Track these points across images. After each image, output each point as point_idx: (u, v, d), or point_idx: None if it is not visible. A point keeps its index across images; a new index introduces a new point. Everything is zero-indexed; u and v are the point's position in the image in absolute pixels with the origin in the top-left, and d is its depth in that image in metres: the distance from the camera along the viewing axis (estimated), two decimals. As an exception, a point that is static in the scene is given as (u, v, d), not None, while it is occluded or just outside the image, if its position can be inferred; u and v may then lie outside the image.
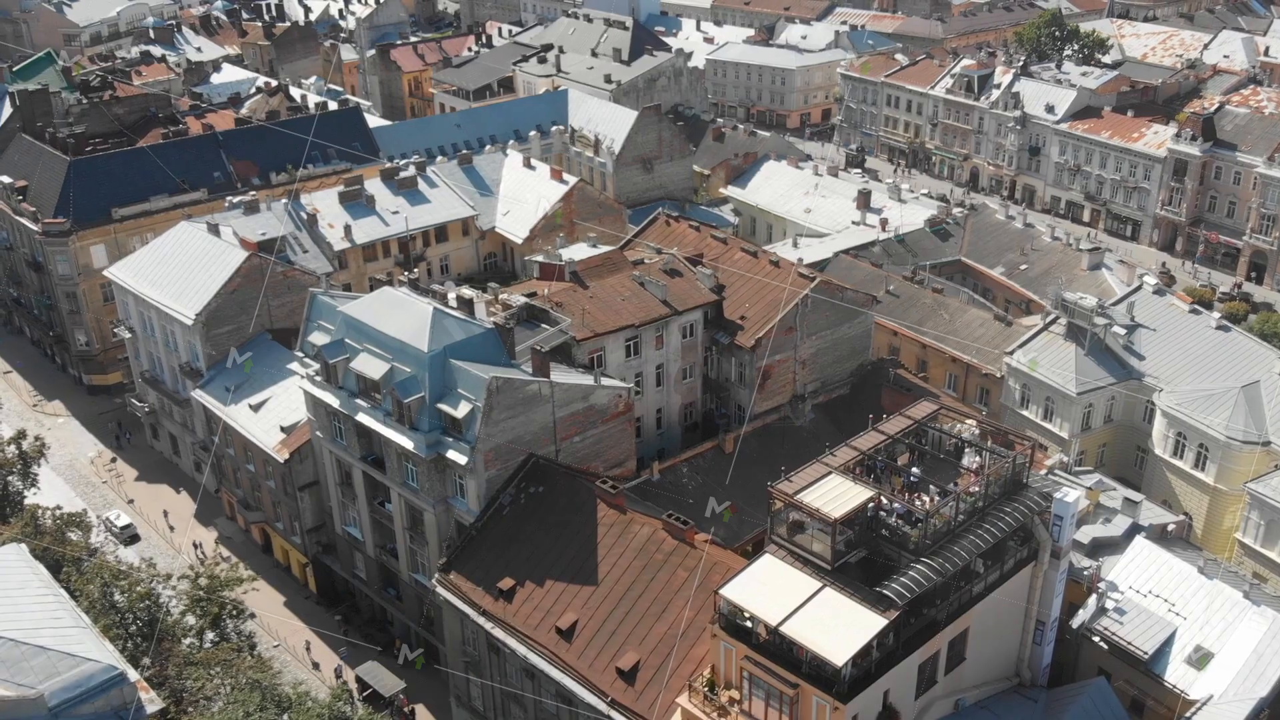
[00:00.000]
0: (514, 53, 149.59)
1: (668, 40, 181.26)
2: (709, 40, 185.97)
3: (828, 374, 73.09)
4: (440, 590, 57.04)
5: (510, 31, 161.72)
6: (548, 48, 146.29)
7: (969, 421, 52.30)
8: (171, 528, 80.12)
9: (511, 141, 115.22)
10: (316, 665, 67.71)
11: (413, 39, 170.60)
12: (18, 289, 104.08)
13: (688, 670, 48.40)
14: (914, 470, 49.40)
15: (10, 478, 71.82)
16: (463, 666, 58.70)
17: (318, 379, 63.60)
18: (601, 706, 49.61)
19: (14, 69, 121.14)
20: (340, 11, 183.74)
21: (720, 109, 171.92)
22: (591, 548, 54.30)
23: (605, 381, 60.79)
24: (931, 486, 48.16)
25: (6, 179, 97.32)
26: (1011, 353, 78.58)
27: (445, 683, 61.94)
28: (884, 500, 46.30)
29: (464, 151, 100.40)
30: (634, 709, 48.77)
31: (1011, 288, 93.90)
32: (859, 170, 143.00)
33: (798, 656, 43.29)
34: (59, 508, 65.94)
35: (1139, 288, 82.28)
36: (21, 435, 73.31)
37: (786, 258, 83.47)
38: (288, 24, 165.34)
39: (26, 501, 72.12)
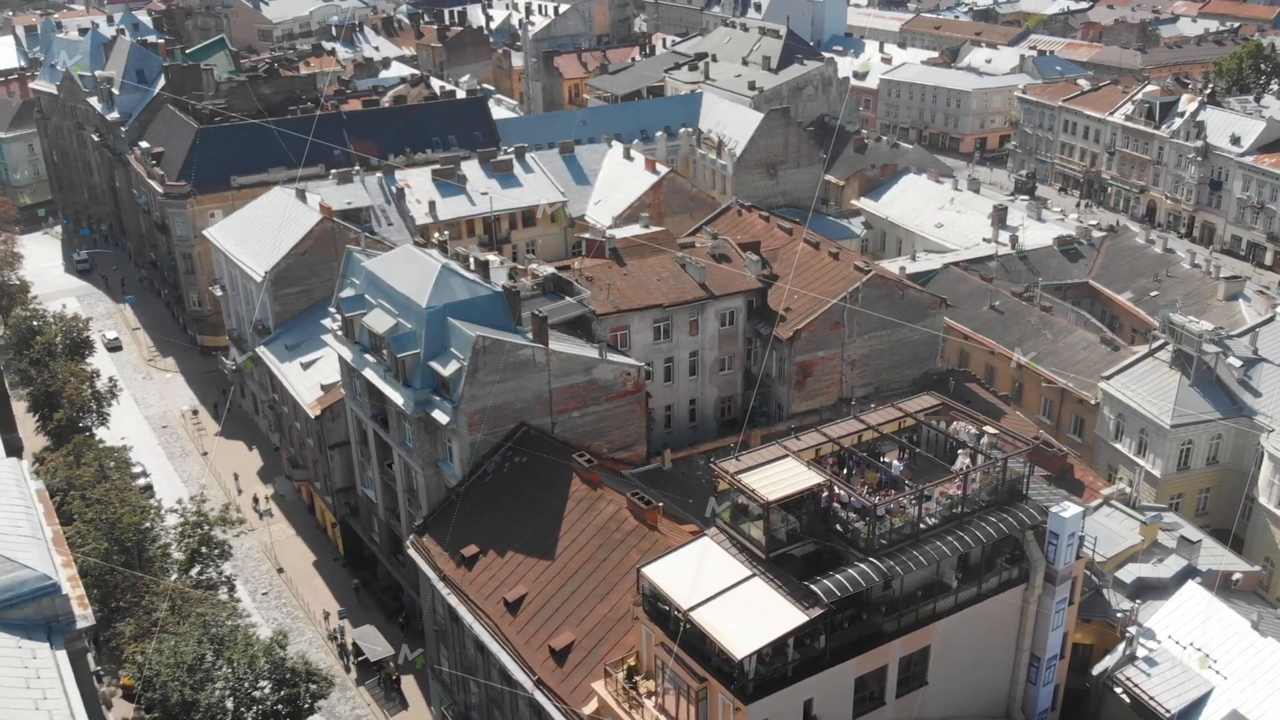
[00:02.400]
0: (670, 61, 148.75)
1: (847, 60, 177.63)
2: (886, 60, 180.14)
3: (883, 379, 67.46)
4: (411, 552, 55.29)
5: (672, 41, 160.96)
6: (701, 56, 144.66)
7: (963, 421, 46.30)
8: (241, 492, 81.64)
9: (636, 141, 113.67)
10: (328, 622, 67.22)
11: (583, 48, 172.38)
12: (154, 251, 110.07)
13: (619, 655, 44.59)
14: (895, 464, 44.13)
15: (83, 415, 75.14)
16: (434, 636, 56.68)
17: (339, 334, 63.34)
18: (528, 685, 46.44)
19: (186, 50, 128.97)
20: (520, 22, 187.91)
21: (893, 129, 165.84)
22: (557, 521, 51.33)
23: (612, 357, 57.71)
24: (908, 485, 42.79)
25: (145, 144, 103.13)
26: (1109, 377, 70.51)
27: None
28: (838, 491, 41.35)
29: (565, 141, 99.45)
30: (556, 691, 45.37)
31: (1137, 315, 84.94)
32: (1027, 197, 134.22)
33: (709, 648, 38.96)
34: (101, 441, 68.38)
35: (1270, 319, 72.45)
36: (95, 375, 76.64)
37: (888, 267, 78.54)
38: (461, 28, 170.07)
39: (96, 438, 75.48)
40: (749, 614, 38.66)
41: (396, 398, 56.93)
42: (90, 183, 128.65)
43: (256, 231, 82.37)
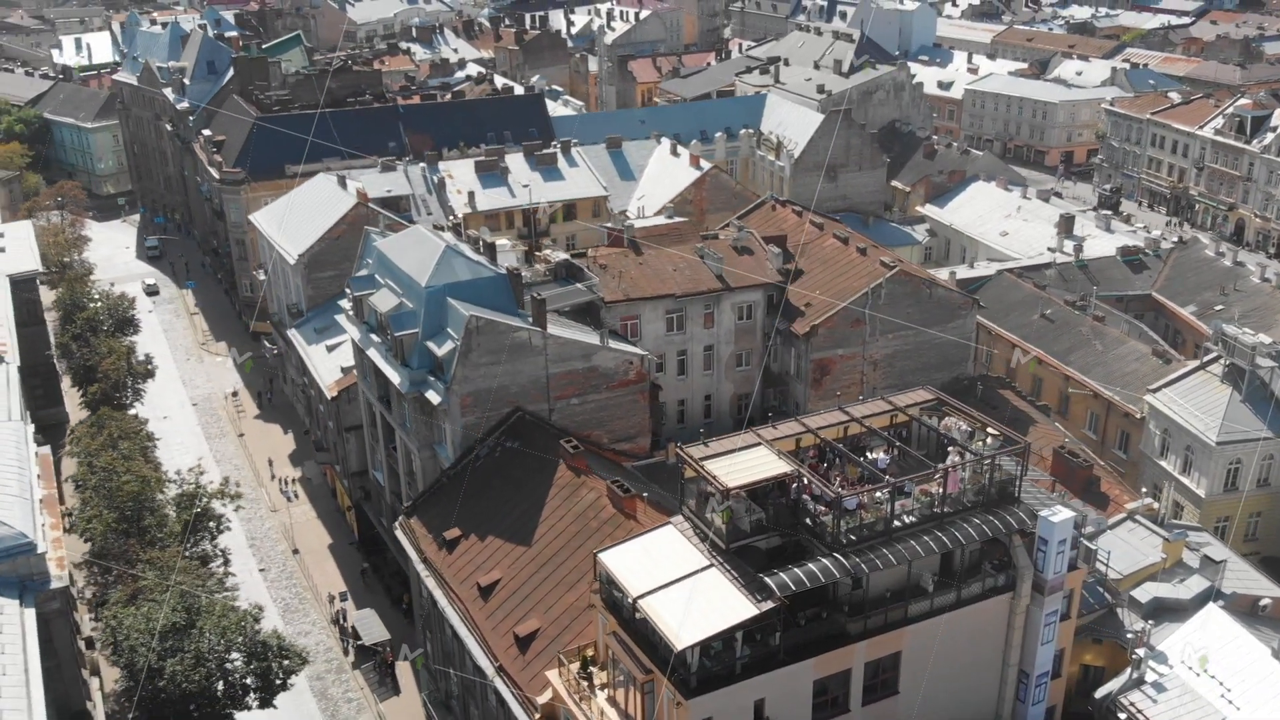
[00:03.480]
0: (742, 65, 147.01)
1: (933, 70, 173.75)
2: (972, 71, 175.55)
3: (909, 381, 64.23)
4: (398, 534, 54.46)
5: (747, 46, 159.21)
6: (774, 60, 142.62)
7: (955, 418, 43.58)
8: (274, 475, 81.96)
9: (694, 142, 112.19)
10: (333, 604, 66.89)
11: (661, 53, 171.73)
12: (215, 239, 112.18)
13: (582, 644, 42.94)
14: (878, 458, 41.77)
15: (119, 390, 76.44)
16: (421, 621, 55.73)
17: (350, 314, 63.06)
18: (489, 671, 45.07)
19: (262, 45, 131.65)
20: (601, 27, 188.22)
21: (976, 141, 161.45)
22: (539, 507, 49.96)
23: (613, 344, 56.20)
24: (889, 479, 40.38)
25: (208, 132, 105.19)
26: (1155, 390, 66.48)
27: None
28: (808, 482, 39.14)
29: (612, 136, 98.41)
30: (516, 679, 43.90)
31: (1200, 329, 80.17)
32: (1110, 212, 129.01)
33: (657, 639, 37.09)
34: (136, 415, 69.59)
35: (1338, 334, 67.62)
36: (131, 351, 77.89)
37: (937, 274, 75.70)
38: (539, 32, 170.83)
39: (133, 414, 76.78)
40: (699, 605, 36.71)
41: (394, 377, 56.28)
42: (165, 172, 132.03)
43: (296, 217, 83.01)
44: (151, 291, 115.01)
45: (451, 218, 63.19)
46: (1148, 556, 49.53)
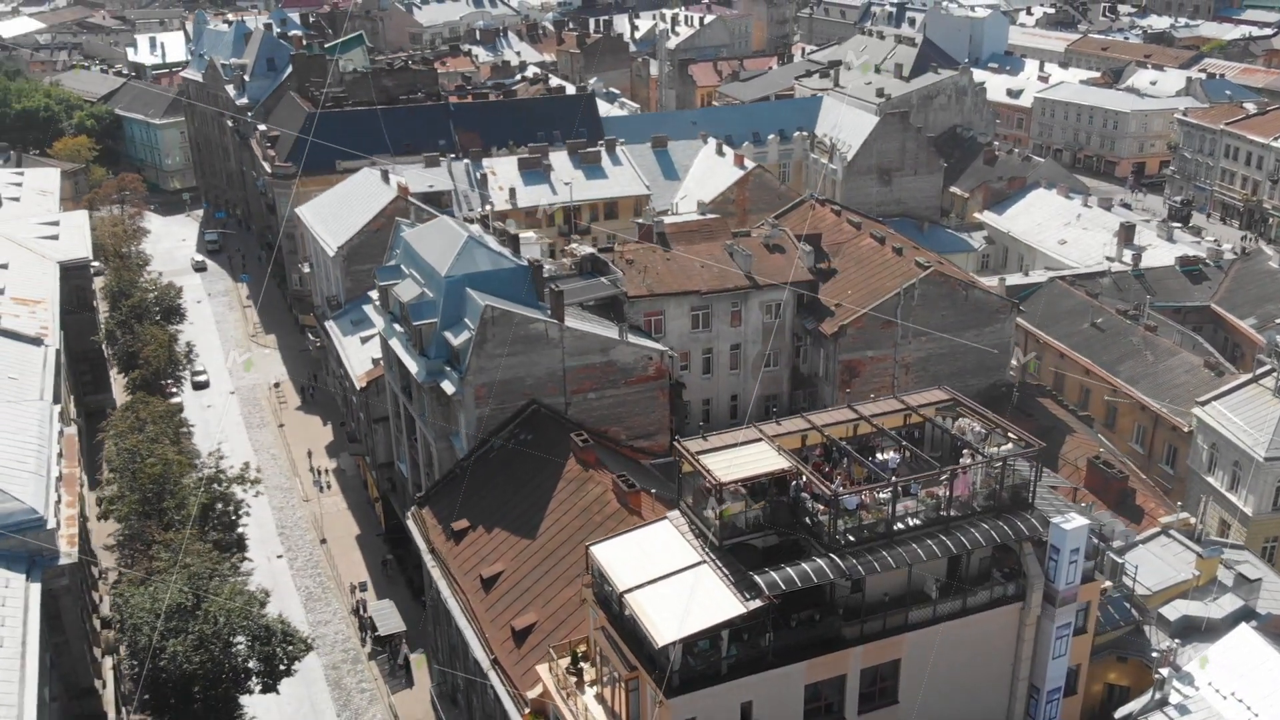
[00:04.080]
0: (803, 69, 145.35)
1: (1002, 78, 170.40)
2: (1043, 79, 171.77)
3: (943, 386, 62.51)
4: (409, 524, 54.10)
5: (809, 50, 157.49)
6: (835, 63, 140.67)
7: (969, 419, 41.88)
8: (313, 467, 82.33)
9: (746, 144, 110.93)
10: (354, 594, 66.85)
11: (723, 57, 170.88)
12: (270, 233, 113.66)
13: (578, 639, 42.06)
14: (889, 459, 40.28)
15: (160, 377, 77.57)
16: (431, 612, 55.30)
17: (377, 304, 63.02)
18: (485, 664, 44.37)
19: (325, 45, 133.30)
20: (664, 31, 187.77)
21: (1046, 150, 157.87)
22: (546, 500, 49.21)
23: (633, 339, 55.29)
24: (889, 479, 38.89)
25: (263, 127, 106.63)
26: (1204, 403, 63.68)
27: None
28: (807, 480, 37.80)
29: (658, 135, 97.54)
30: (509, 672, 43.15)
31: (1260, 343, 76.74)
32: (1180, 225, 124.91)
33: (642, 635, 36.05)
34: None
35: (1402, 349, 64.14)
36: (173, 339, 78.96)
37: (983, 280, 73.55)
38: (601, 36, 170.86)
39: (174, 400, 77.98)
40: (686, 601, 35.59)
41: (411, 366, 56.00)
42: (227, 168, 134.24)
43: (339, 210, 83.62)
44: (199, 268, 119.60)
45: (480, 209, 62.80)
46: (1179, 573, 47.22)
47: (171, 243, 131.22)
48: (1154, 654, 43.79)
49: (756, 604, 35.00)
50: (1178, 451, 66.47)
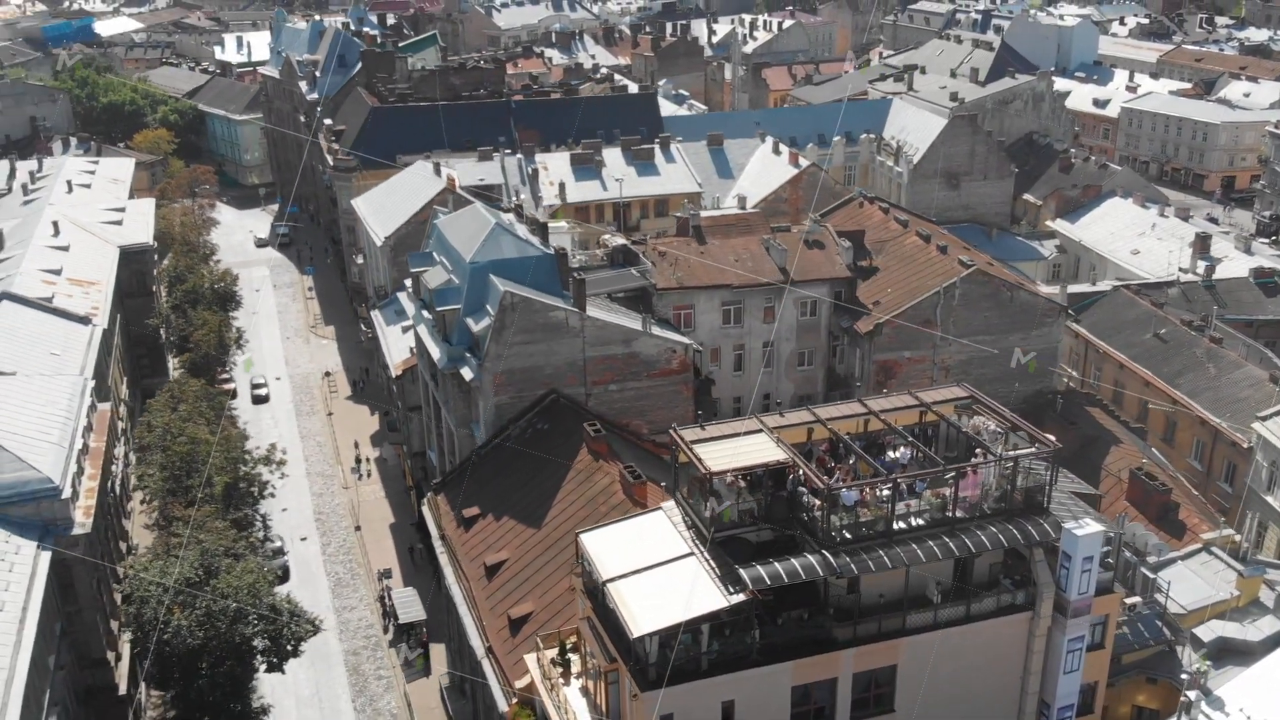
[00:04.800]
0: (879, 73, 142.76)
1: (1089, 87, 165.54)
2: (1131, 90, 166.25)
3: (986, 392, 59.65)
4: (424, 510, 53.66)
5: (886, 54, 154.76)
6: (910, 68, 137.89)
7: (985, 417, 39.84)
8: (356, 455, 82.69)
9: (810, 145, 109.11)
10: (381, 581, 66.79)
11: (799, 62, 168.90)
12: (336, 226, 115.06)
13: (572, 630, 41.05)
14: (897, 456, 38.54)
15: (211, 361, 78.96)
16: (445, 601, 54.71)
17: (410, 291, 62.95)
18: (479, 652, 43.59)
19: (399, 45, 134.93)
20: (743, 36, 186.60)
21: (1132, 162, 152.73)
22: (555, 489, 48.32)
23: (656, 331, 54.16)
24: (900, 479, 37.17)
25: (328, 122, 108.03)
26: (1265, 418, 60.18)
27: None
28: (805, 473, 36.26)
29: (713, 133, 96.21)
30: (502, 661, 42.27)
31: (1337, 359, 72.55)
32: (1268, 240, 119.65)
33: (623, 625, 34.89)
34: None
35: None
36: (224, 325, 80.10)
37: (1040, 286, 70.93)
38: (676, 39, 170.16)
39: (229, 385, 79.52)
40: (669, 593, 34.37)
41: (434, 352, 55.67)
42: (300, 163, 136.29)
43: (390, 202, 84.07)
44: (261, 244, 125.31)
45: (513, 199, 62.48)
46: (1218, 592, 44.39)
47: (244, 235, 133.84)
48: (1183, 676, 41.22)
49: (740, 598, 33.61)
50: (1237, 469, 62.93)
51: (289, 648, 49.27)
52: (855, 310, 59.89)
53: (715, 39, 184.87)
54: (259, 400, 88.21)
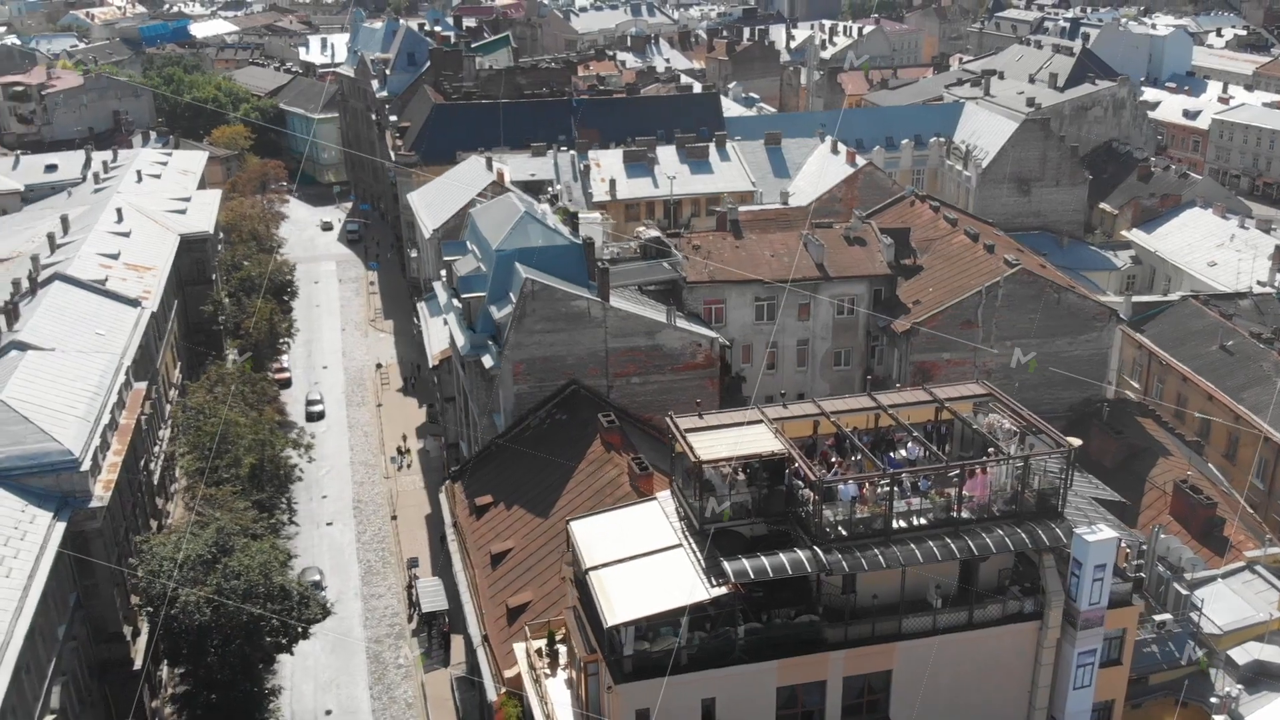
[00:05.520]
0: (956, 78, 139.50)
1: (1179, 98, 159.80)
2: (1224, 101, 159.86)
3: (1031, 398, 57.16)
4: (442, 497, 53.20)
5: (964, 59, 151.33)
6: (989, 73, 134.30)
7: (1000, 415, 37.83)
8: (404, 448, 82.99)
9: (877, 148, 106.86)
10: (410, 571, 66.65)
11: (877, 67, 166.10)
12: (401, 222, 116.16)
13: (556, 620, 40.06)
14: (904, 454, 36.85)
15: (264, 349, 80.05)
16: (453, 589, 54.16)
17: (444, 280, 62.77)
18: (476, 639, 42.84)
19: (472, 45, 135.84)
20: (823, 41, 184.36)
21: (1222, 175, 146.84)
22: (565, 480, 47.39)
23: (681, 324, 52.98)
24: (905, 476, 35.50)
25: (394, 118, 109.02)
26: (1330, 435, 56.67)
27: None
28: (800, 466, 34.77)
29: (771, 132, 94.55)
30: (496, 651, 41.46)
31: None
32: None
33: (600, 614, 33.78)
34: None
35: None
36: (276, 313, 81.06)
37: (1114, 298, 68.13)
38: (751, 43, 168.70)
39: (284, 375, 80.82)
40: (650, 583, 33.19)
41: (459, 340, 55.28)
42: (372, 161, 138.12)
43: (441, 195, 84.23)
44: (326, 227, 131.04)
45: (550, 190, 61.97)
46: (1258, 613, 41.62)
47: (315, 231, 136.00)
48: (1214, 699, 38.68)
49: (721, 591, 32.26)
50: (1301, 488, 59.39)
51: (299, 630, 49.06)
52: (894, 309, 57.93)
53: (794, 44, 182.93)
54: (313, 418, 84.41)
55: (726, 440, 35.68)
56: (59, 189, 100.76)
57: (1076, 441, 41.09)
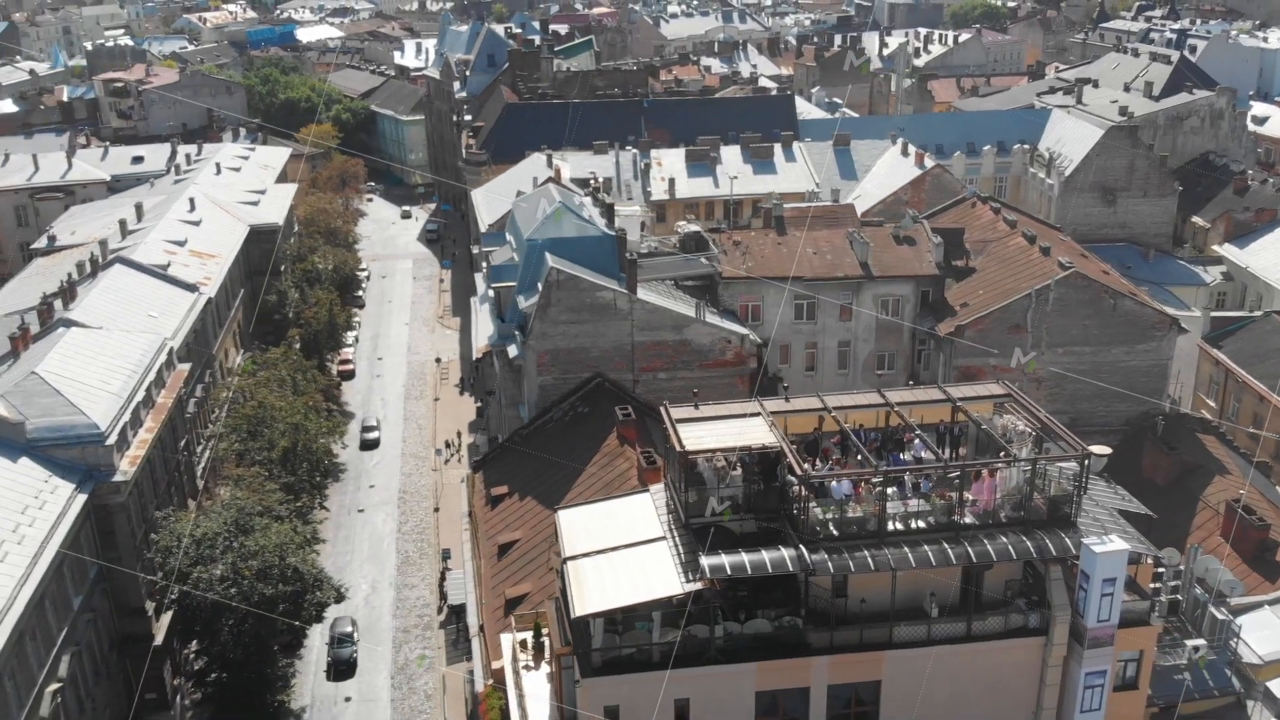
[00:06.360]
0: (1049, 86, 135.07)
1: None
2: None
3: (1084, 410, 54.86)
4: (463, 487, 52.62)
5: (1059, 68, 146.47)
6: (1083, 81, 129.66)
7: (1015, 416, 35.58)
8: (451, 442, 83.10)
9: (957, 154, 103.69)
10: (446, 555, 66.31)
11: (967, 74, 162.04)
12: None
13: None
14: (908, 456, 34.97)
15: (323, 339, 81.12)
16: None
17: (484, 271, 62.44)
18: (473, 630, 42.07)
19: (555, 48, 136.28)
20: (916, 49, 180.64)
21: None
22: (578, 472, 46.39)
23: (710, 319, 51.59)
24: (907, 477, 33.67)
25: (469, 117, 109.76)
26: None
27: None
28: (789, 461, 33.14)
29: (840, 134, 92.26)
30: (489, 641, 40.59)
31: None
32: None
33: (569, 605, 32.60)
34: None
35: None
36: (335, 305, 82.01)
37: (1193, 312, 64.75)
38: (838, 50, 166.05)
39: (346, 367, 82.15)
40: (624, 576, 31.93)
41: (488, 329, 54.77)
42: (454, 162, 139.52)
43: (501, 192, 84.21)
44: (406, 215, 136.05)
45: (592, 183, 61.22)
46: (1304, 644, 38.45)
47: (396, 230, 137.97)
48: (1247, 733, 35.81)
49: (696, 586, 30.84)
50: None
51: (313, 612, 48.96)
52: (941, 311, 55.59)
53: (886, 51, 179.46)
54: (367, 446, 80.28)
55: (719, 432, 34.27)
56: (143, 180, 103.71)
57: (1105, 450, 38.80)
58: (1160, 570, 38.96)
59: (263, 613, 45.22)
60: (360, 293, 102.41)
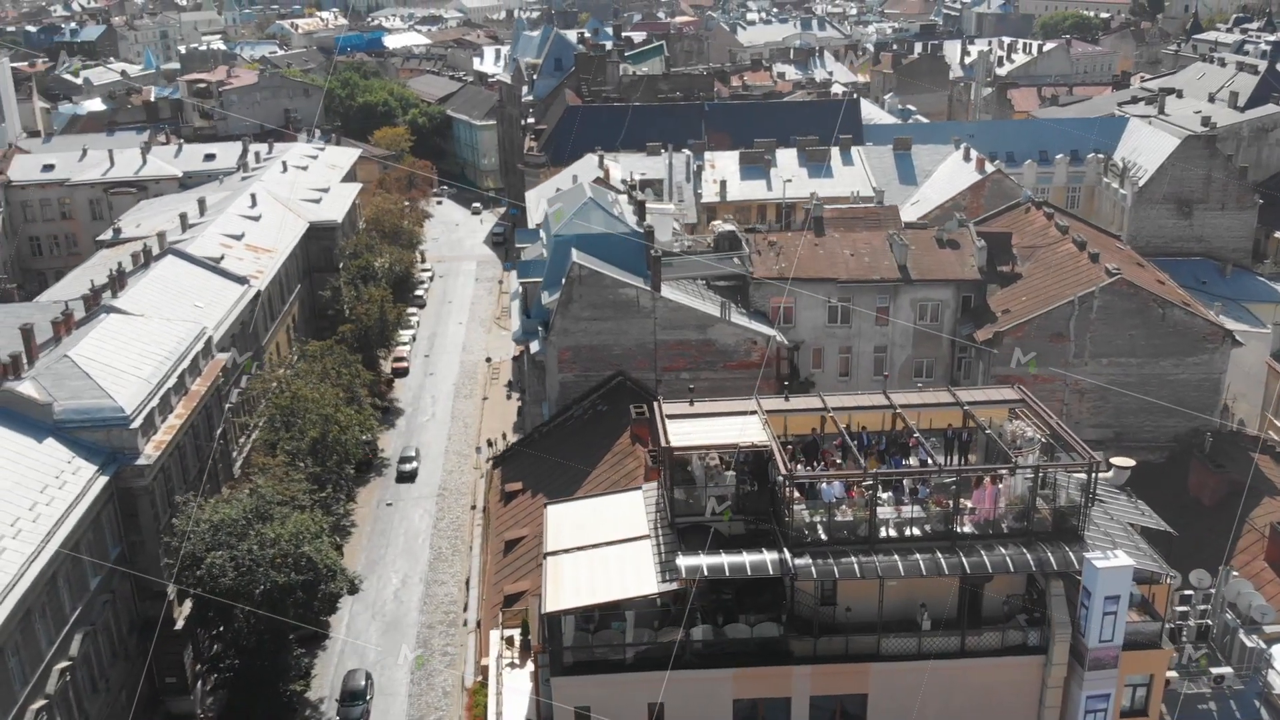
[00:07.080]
0: (1131, 95, 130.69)
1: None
2: None
3: (1130, 424, 52.34)
4: (479, 482, 52.19)
5: (1144, 78, 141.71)
6: (1166, 90, 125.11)
7: (1025, 422, 33.78)
8: (493, 441, 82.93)
9: (1029, 162, 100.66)
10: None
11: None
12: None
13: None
14: (912, 461, 33.48)
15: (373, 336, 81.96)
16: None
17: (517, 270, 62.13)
18: (472, 624, 41.47)
19: (625, 53, 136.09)
20: (999, 58, 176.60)
21: None
22: (589, 470, 45.58)
23: (736, 319, 50.41)
24: (904, 482, 32.24)
25: (532, 120, 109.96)
26: None
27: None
28: (782, 463, 31.90)
29: (900, 138, 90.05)
30: (483, 637, 39.91)
31: None
32: None
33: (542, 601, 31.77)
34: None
35: None
36: (386, 302, 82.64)
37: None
38: (918, 57, 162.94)
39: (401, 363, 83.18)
40: (602, 574, 31.04)
41: (514, 325, 54.34)
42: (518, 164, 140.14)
43: (551, 193, 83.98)
44: (475, 212, 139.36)
45: (624, 180, 60.43)
46: (1341, 673, 35.87)
47: (464, 233, 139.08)
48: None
49: (672, 587, 29.80)
50: None
51: (325, 603, 48.86)
52: (982, 317, 53.55)
53: (969, 60, 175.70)
54: (404, 478, 75.21)
55: (707, 429, 33.21)
56: (214, 176, 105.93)
57: (1128, 462, 36.75)
58: (1188, 593, 36.83)
59: (265, 614, 45.23)
60: (421, 292, 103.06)
